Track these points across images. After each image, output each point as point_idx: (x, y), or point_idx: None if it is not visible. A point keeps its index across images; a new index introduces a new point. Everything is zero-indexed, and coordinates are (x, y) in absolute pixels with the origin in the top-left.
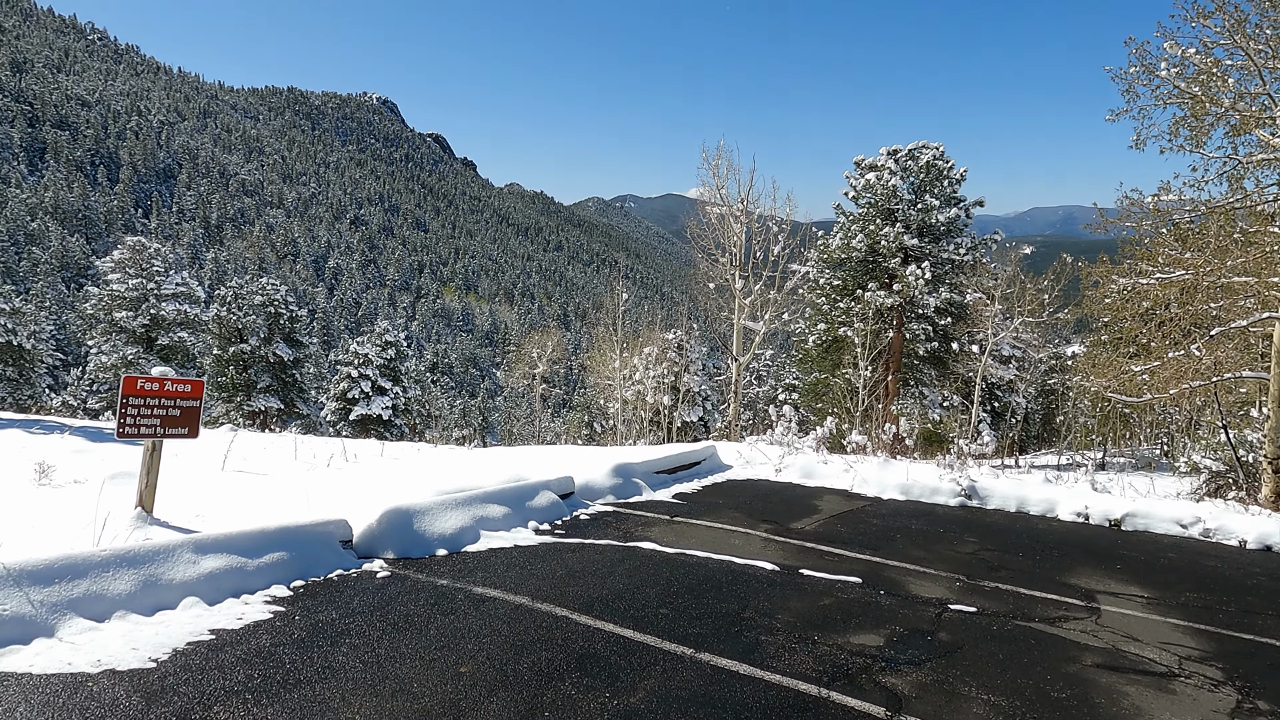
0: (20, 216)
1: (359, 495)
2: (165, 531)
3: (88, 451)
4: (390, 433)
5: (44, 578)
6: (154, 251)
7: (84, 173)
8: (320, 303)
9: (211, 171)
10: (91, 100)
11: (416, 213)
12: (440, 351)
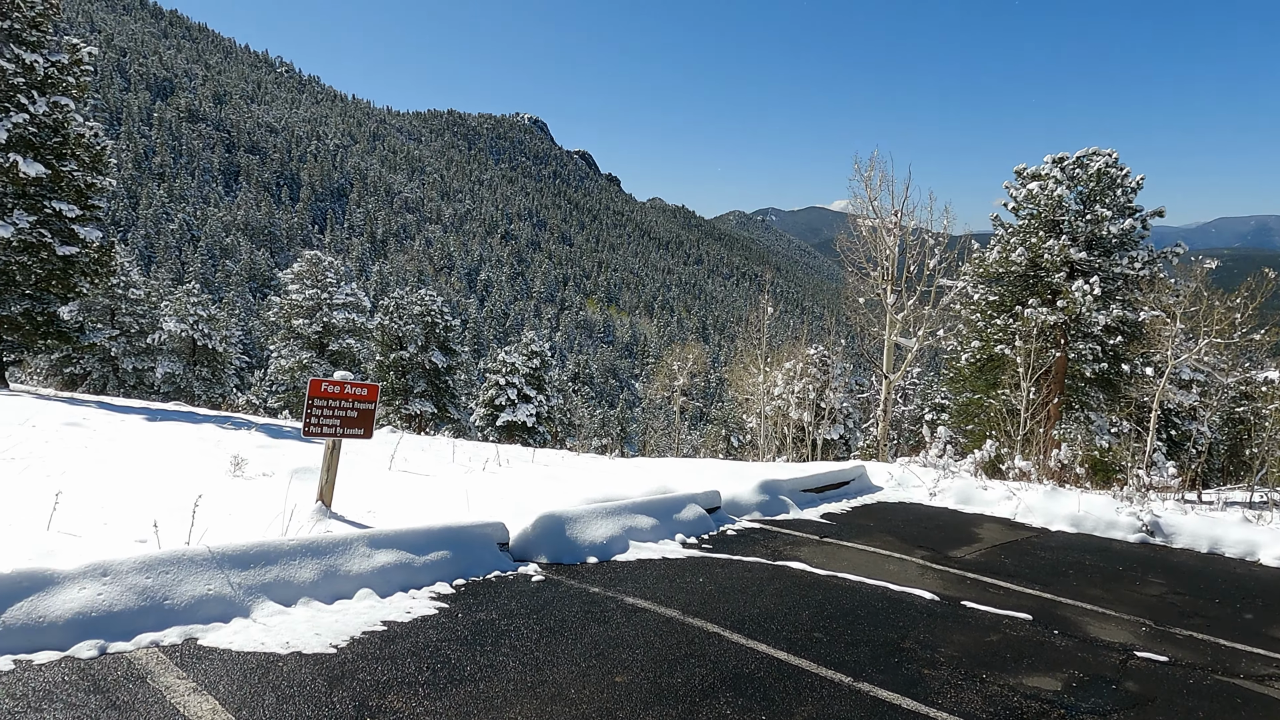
0: (217, 233)
1: (513, 499)
2: (343, 525)
3: (270, 447)
4: (534, 439)
5: (242, 562)
6: (327, 264)
7: (270, 193)
8: (472, 313)
9: (378, 190)
10: (278, 127)
11: (562, 227)
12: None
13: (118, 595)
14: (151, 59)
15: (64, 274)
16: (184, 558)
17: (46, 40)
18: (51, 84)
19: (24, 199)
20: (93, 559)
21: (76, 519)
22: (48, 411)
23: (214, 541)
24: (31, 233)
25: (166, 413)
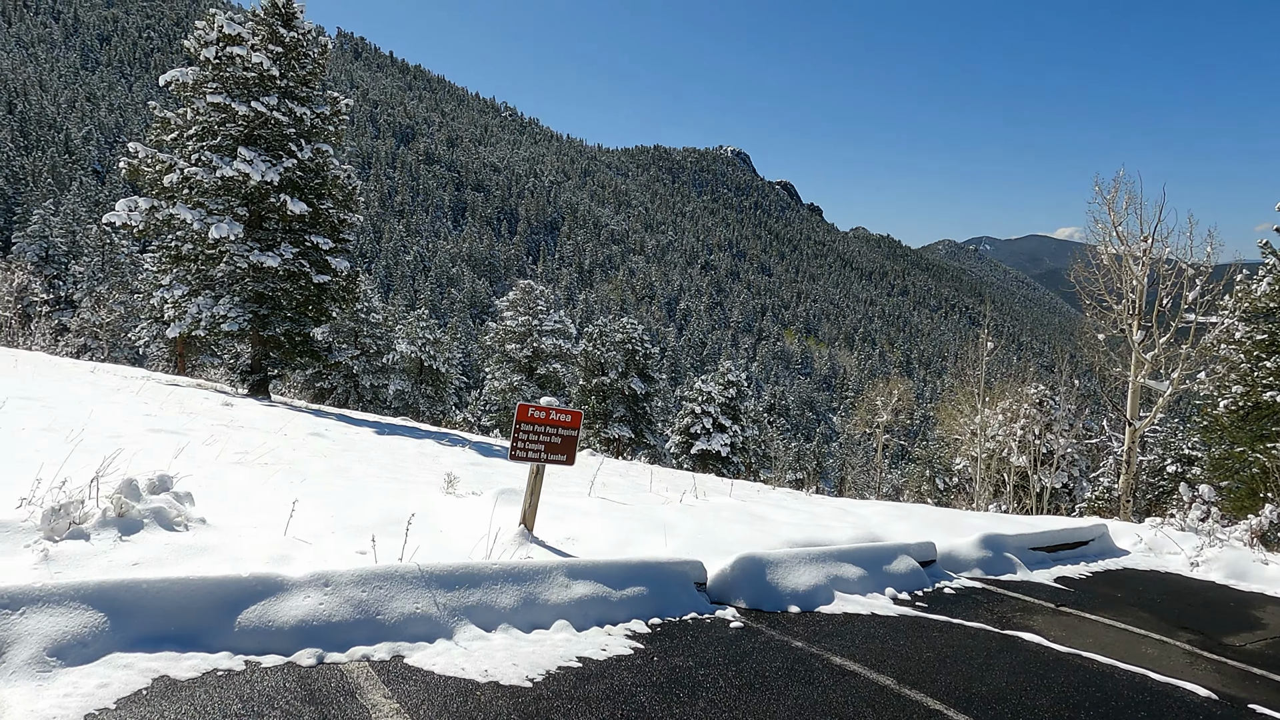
0: (445, 264)
1: (710, 535)
2: (543, 551)
3: (480, 465)
4: (727, 469)
5: (448, 583)
6: (539, 293)
7: (491, 227)
8: (670, 341)
9: (587, 223)
10: (501, 166)
11: (762, 258)
12: (778, 393)
13: (336, 606)
14: (397, 109)
15: (318, 300)
16: (396, 574)
17: (314, 95)
18: (315, 132)
19: (289, 233)
20: (317, 569)
21: (309, 526)
22: (297, 421)
23: (424, 559)
24: (294, 263)
25: (393, 427)
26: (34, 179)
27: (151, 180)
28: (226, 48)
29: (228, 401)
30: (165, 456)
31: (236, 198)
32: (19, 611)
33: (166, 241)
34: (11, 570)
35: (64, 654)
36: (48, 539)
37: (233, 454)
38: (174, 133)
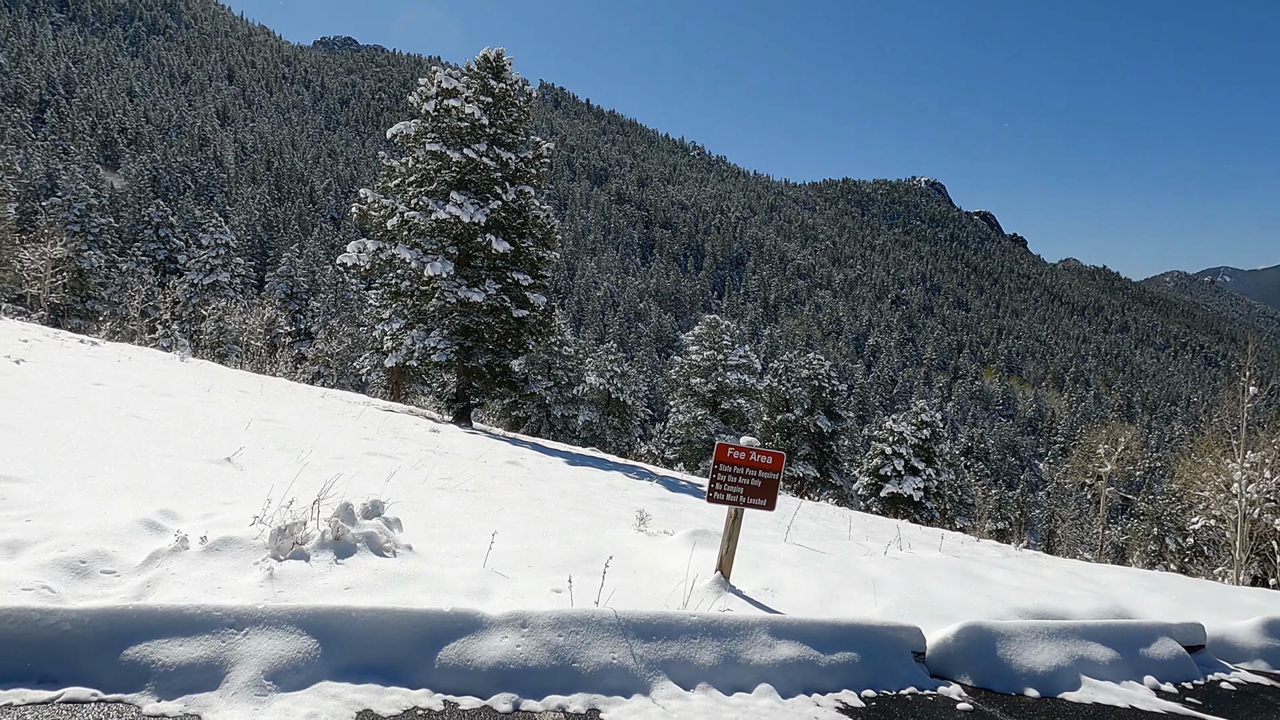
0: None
1: (924, 595)
2: (742, 604)
3: (668, 501)
4: (920, 515)
5: (645, 633)
6: (724, 328)
7: (678, 263)
8: (858, 378)
9: (773, 258)
10: (688, 204)
11: (958, 291)
12: (976, 435)
13: (533, 650)
14: (592, 152)
15: (517, 333)
16: (592, 619)
17: (518, 141)
18: (519, 175)
19: (493, 270)
20: (515, 608)
21: (507, 558)
22: (495, 449)
23: (620, 605)
24: (496, 298)
25: (583, 458)
26: (284, 226)
27: (377, 224)
28: (444, 101)
29: (435, 428)
30: (379, 480)
31: (448, 238)
32: (243, 632)
33: (388, 279)
34: (240, 588)
35: (279, 678)
36: (273, 558)
37: (438, 479)
38: (397, 180)
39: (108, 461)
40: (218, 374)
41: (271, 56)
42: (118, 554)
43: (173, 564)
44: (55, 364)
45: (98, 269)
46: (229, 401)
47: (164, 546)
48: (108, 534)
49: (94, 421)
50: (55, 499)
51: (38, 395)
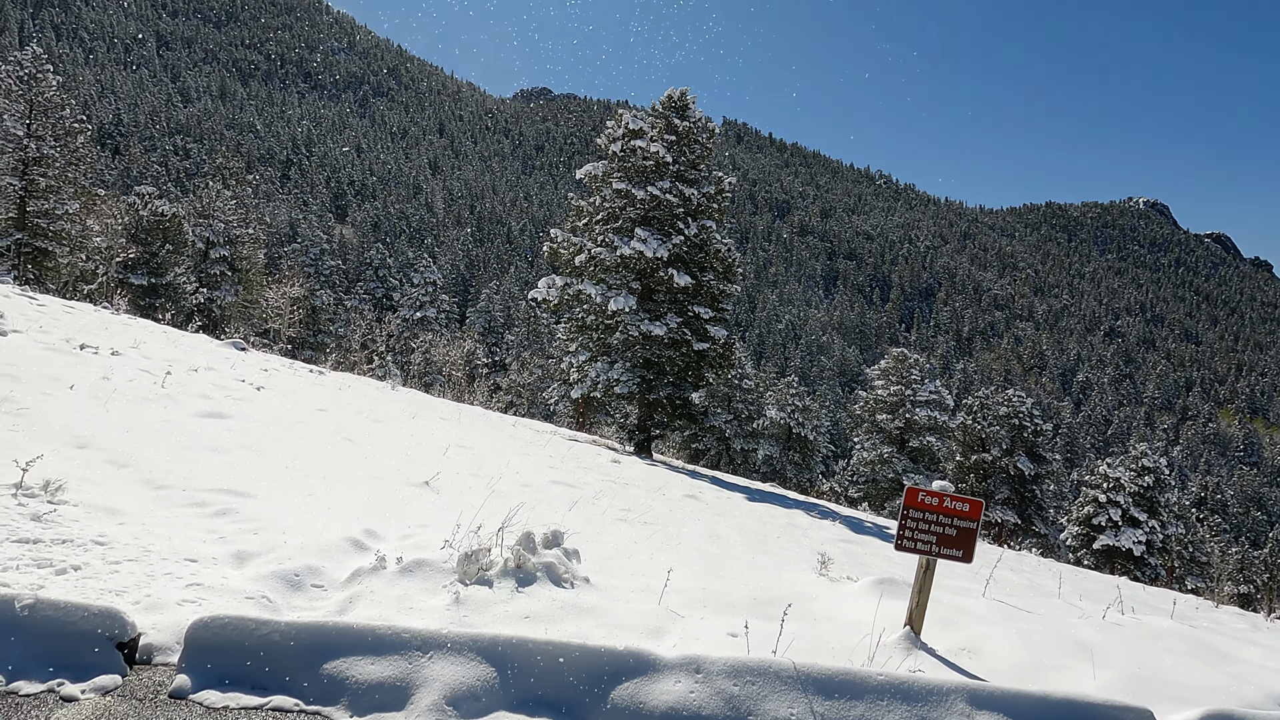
0: (815, 332)
1: (1153, 670)
2: (934, 664)
3: (851, 543)
4: (1142, 572)
5: (826, 689)
6: (913, 362)
7: (863, 295)
8: (1065, 417)
9: (966, 288)
10: (874, 234)
11: (1186, 323)
12: (1210, 485)
13: (707, 698)
14: (774, 185)
15: (697, 366)
16: (770, 670)
17: (700, 177)
18: (701, 211)
19: (674, 304)
20: (689, 651)
21: (682, 596)
22: (674, 482)
23: (799, 656)
24: (678, 331)
25: (763, 494)
26: (484, 265)
27: (566, 261)
28: (630, 141)
29: (616, 459)
30: (560, 509)
31: (631, 273)
32: (428, 655)
33: (575, 314)
34: (429, 610)
35: (459, 704)
36: (460, 582)
37: (617, 510)
38: (585, 219)
39: (325, 481)
40: (423, 402)
41: (476, 110)
42: (326, 569)
43: (372, 582)
44: (288, 391)
45: (327, 306)
46: (431, 428)
47: (365, 565)
48: (319, 550)
49: (316, 444)
50: (279, 514)
51: (272, 419)
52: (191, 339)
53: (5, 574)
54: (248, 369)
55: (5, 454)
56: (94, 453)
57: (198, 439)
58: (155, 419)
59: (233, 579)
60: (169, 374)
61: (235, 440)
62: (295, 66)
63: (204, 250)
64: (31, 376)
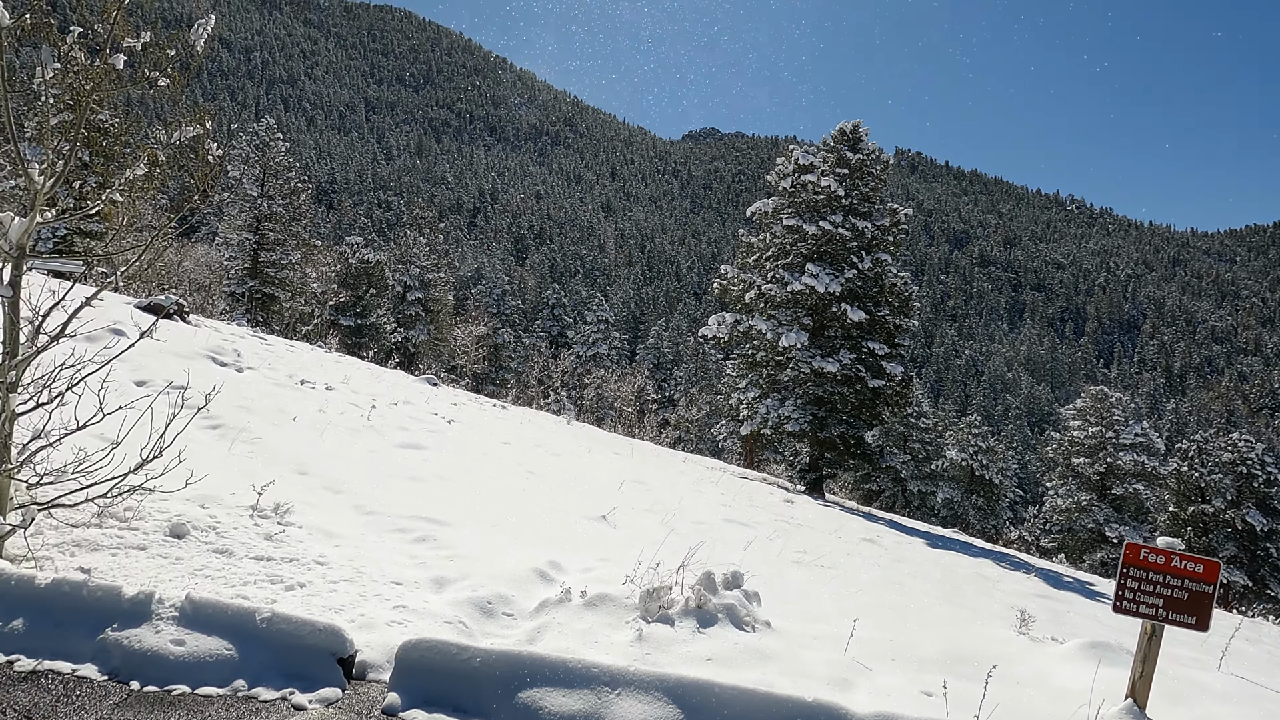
0: (999, 368)
1: None
2: None
3: (1051, 599)
4: None
5: None
6: (1114, 401)
7: (1053, 328)
8: None
9: (1177, 320)
10: (1065, 262)
11: None
12: None
13: None
14: (951, 215)
15: (871, 404)
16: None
17: (874, 209)
18: (875, 244)
19: (847, 340)
20: (882, 708)
21: (868, 647)
22: (850, 524)
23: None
24: (851, 368)
25: (945, 540)
26: (653, 303)
27: (735, 298)
28: (800, 176)
29: (788, 498)
30: (736, 548)
31: (803, 309)
32: (615, 691)
33: (745, 350)
34: (613, 645)
35: None
36: (642, 619)
37: (792, 552)
38: (754, 255)
39: (509, 512)
40: (596, 437)
41: (646, 153)
42: (515, 599)
43: (558, 614)
44: (475, 425)
45: (508, 344)
46: (605, 462)
47: (551, 596)
48: (508, 579)
49: (501, 475)
50: (470, 542)
51: (462, 451)
52: (391, 375)
53: (245, 587)
54: (439, 403)
55: (244, 479)
56: (313, 479)
57: (399, 468)
58: (363, 448)
59: (433, 603)
60: (374, 407)
61: (430, 470)
62: (482, 122)
63: (401, 293)
64: (263, 409)
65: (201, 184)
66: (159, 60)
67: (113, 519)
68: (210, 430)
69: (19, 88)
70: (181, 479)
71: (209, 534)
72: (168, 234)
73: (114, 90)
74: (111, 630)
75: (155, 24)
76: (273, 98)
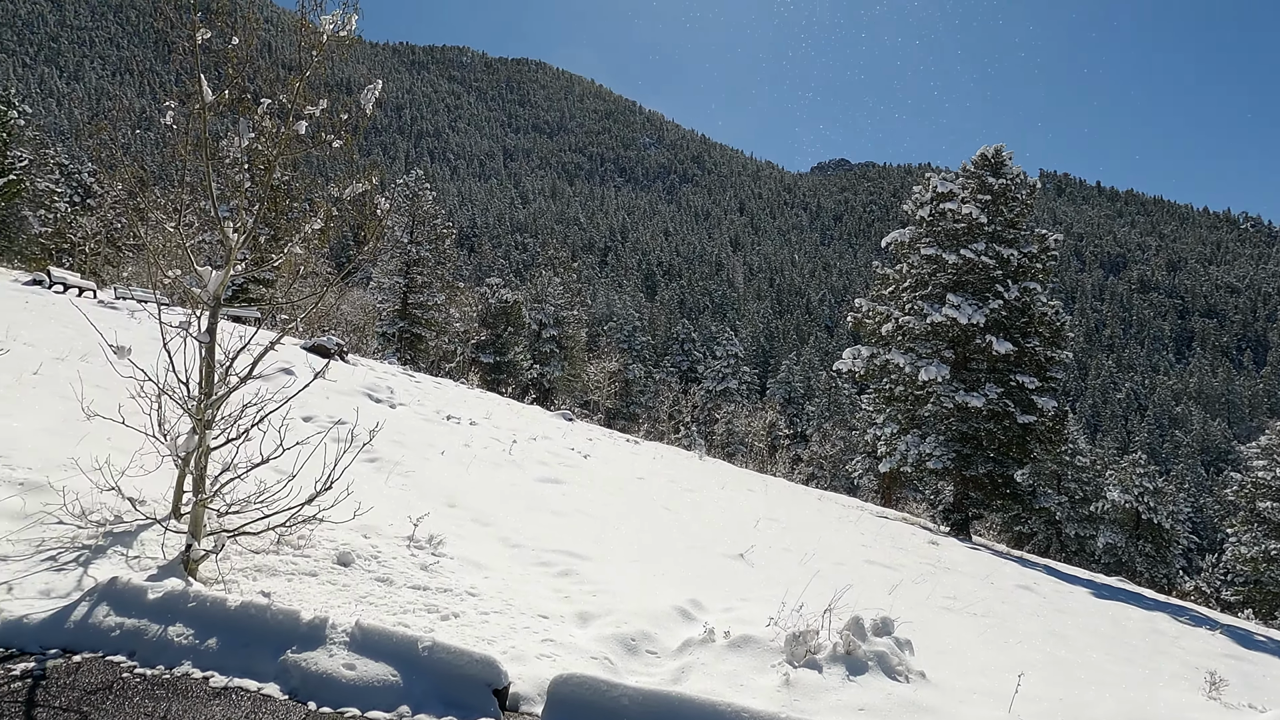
0: (1165, 402)
1: None
2: None
3: (1242, 660)
4: None
5: None
6: None
7: (1228, 357)
8: None
9: None
10: (1239, 286)
11: None
12: None
13: None
14: (1105, 239)
15: (1021, 440)
16: None
17: (1020, 236)
18: (1022, 272)
19: (993, 373)
20: None
21: (1035, 705)
22: (1003, 570)
23: None
24: (998, 402)
25: (1110, 589)
26: (783, 336)
27: (871, 330)
28: (939, 205)
29: (933, 540)
30: (880, 592)
31: (943, 341)
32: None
33: (881, 384)
34: (759, 689)
35: None
36: (788, 663)
37: (941, 598)
38: (890, 287)
39: (647, 547)
40: (728, 472)
41: (774, 187)
42: (658, 636)
43: (701, 654)
44: (610, 459)
45: (639, 379)
46: (739, 499)
47: (694, 636)
48: (650, 616)
49: (638, 510)
50: (611, 577)
51: (598, 485)
52: (529, 410)
53: (405, 615)
54: (575, 438)
55: (400, 510)
56: (462, 511)
57: (539, 501)
58: (505, 481)
59: (579, 638)
60: (514, 442)
61: (569, 504)
62: (613, 164)
63: (537, 331)
64: (414, 443)
65: (369, 236)
66: (333, 124)
67: (288, 546)
68: (368, 463)
69: (212, 153)
70: (348, 510)
71: (371, 563)
72: (335, 281)
73: (296, 153)
74: (291, 652)
75: (330, 91)
76: (420, 150)
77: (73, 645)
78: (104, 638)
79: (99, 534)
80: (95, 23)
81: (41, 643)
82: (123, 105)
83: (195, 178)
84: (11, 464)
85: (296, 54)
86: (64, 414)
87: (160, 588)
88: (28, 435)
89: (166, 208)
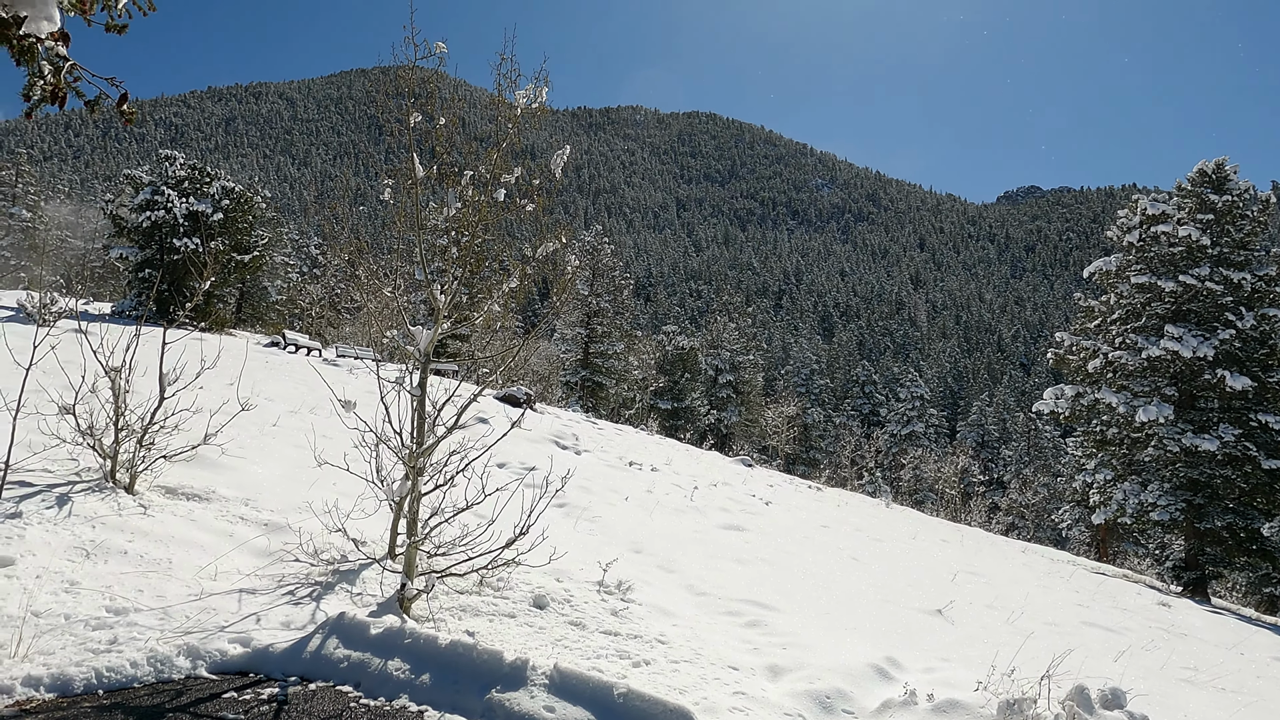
0: None
1: None
2: None
3: None
4: None
5: None
6: None
7: None
8: None
9: None
10: None
11: None
12: None
13: None
14: None
15: (1269, 489)
16: None
17: (1252, 258)
18: (1258, 298)
19: (1228, 412)
20: None
21: None
22: (1255, 639)
23: None
24: (1235, 446)
25: None
26: (973, 376)
27: (1075, 367)
28: (1149, 228)
29: (1162, 600)
30: (1103, 658)
31: (1163, 377)
32: None
33: (1090, 426)
34: None
35: None
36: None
37: (1178, 668)
38: (1096, 319)
39: (836, 600)
40: (919, 521)
41: (957, 219)
42: (854, 695)
43: (903, 717)
44: (792, 507)
45: (818, 423)
46: (932, 550)
47: (894, 697)
48: (844, 672)
49: (824, 561)
50: (800, 630)
51: (782, 533)
52: (708, 456)
53: (598, 660)
54: (755, 484)
55: (589, 555)
56: (647, 557)
57: (723, 549)
58: (688, 528)
59: (770, 692)
60: (695, 488)
61: (753, 553)
62: (784, 207)
63: (714, 376)
64: (598, 489)
65: (558, 291)
66: (527, 189)
67: (489, 588)
68: (558, 509)
69: (421, 223)
70: (543, 555)
71: (564, 606)
72: (532, 336)
73: (496, 218)
74: (495, 691)
75: (519, 158)
76: (598, 206)
77: (308, 674)
78: (334, 668)
79: (328, 571)
80: (320, 113)
81: (284, 670)
82: (343, 184)
83: (405, 245)
84: (258, 507)
85: (488, 126)
86: (298, 461)
87: (381, 624)
88: (270, 481)
89: (379, 273)
